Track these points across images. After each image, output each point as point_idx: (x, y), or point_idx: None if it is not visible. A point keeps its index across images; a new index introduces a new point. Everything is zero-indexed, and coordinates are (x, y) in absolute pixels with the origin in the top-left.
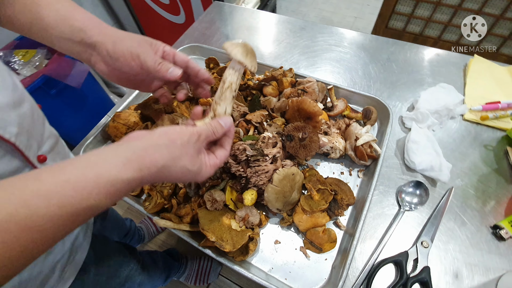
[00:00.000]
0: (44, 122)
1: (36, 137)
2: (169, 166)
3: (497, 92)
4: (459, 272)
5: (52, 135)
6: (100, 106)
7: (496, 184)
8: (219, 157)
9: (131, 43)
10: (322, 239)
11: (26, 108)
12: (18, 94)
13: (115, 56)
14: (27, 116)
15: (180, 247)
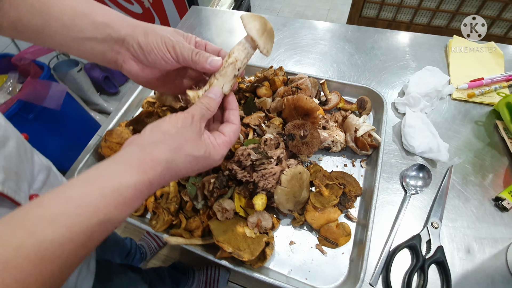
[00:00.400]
0: (33, 155)
1: (25, 176)
2: (173, 160)
3: (479, 69)
4: (470, 247)
5: (43, 168)
6: (82, 125)
7: (491, 158)
8: (227, 134)
9: (164, 33)
10: (337, 234)
11: (11, 146)
12: (1, 133)
13: (148, 48)
14: (13, 155)
15: (185, 258)
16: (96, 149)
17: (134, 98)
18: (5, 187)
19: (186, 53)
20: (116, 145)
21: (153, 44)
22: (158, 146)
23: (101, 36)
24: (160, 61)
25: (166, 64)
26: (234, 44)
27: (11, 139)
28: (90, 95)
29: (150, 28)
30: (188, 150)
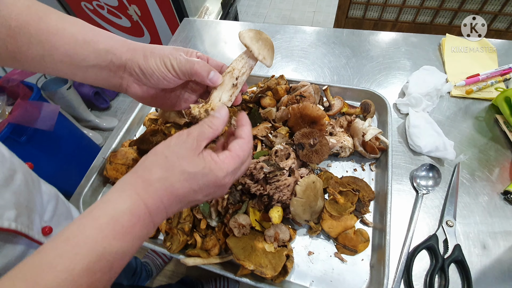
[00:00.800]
0: (40, 185)
1: (36, 209)
2: (166, 178)
3: (474, 65)
4: (486, 242)
5: (52, 197)
6: (77, 144)
7: (495, 152)
8: (233, 148)
9: (163, 52)
10: (355, 240)
11: (19, 179)
12: (7, 166)
13: (149, 71)
14: (22, 189)
15: (192, 272)
16: (101, 172)
17: (135, 115)
18: (18, 223)
19: (185, 67)
20: (121, 166)
21: (153, 67)
22: (149, 167)
23: (104, 63)
24: (163, 82)
25: (168, 83)
26: (229, 54)
27: (18, 172)
28: (81, 112)
29: (149, 50)
30: (182, 166)
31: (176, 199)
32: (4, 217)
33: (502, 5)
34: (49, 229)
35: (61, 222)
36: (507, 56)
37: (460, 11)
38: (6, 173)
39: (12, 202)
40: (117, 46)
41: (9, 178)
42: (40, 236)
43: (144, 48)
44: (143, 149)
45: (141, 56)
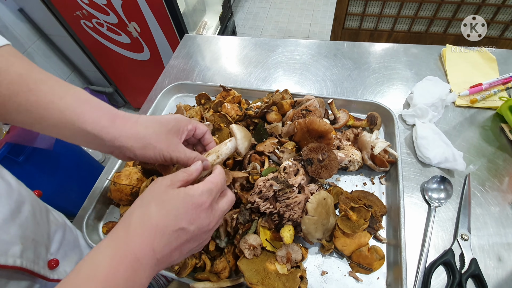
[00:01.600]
0: (48, 215)
1: (42, 241)
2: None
3: (476, 74)
4: (501, 254)
5: (59, 226)
6: (76, 161)
7: (503, 161)
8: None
9: (161, 146)
10: (370, 258)
11: (26, 211)
12: (14, 198)
13: (145, 159)
14: (29, 220)
15: None
16: (104, 193)
17: None
18: (23, 259)
19: (183, 160)
20: (125, 187)
21: (151, 157)
22: (127, 214)
23: (94, 143)
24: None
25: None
26: (230, 69)
27: (26, 203)
28: None
29: (147, 139)
30: (156, 199)
31: (157, 231)
32: (9, 254)
33: (494, 13)
34: (56, 262)
35: (68, 253)
36: (507, 65)
37: (454, 20)
38: (13, 206)
39: (18, 237)
40: (107, 129)
41: (16, 211)
42: (45, 270)
43: (140, 134)
44: (147, 168)
45: (138, 147)
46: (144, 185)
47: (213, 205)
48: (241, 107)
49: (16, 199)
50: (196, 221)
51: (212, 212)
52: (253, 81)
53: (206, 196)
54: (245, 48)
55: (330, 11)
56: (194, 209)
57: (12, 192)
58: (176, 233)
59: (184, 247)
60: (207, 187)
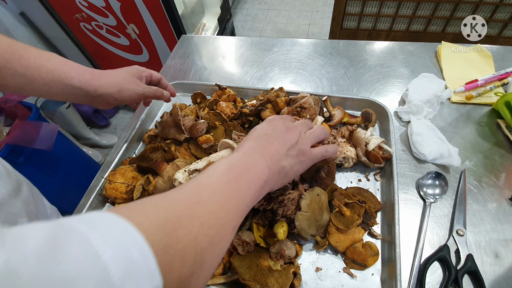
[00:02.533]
0: (43, 199)
1: (44, 219)
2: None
3: (472, 71)
4: (498, 251)
5: (53, 211)
6: (76, 163)
7: (500, 157)
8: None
9: (132, 87)
10: (364, 254)
11: (25, 190)
12: (13, 177)
13: (122, 100)
14: (29, 199)
15: None
16: (100, 191)
17: (135, 132)
18: None
19: (151, 92)
20: (121, 185)
21: (127, 98)
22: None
23: (79, 95)
24: (132, 103)
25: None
26: (227, 68)
27: (23, 184)
28: (81, 130)
29: (120, 83)
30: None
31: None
32: (19, 224)
33: (492, 11)
34: None
35: None
36: (503, 61)
37: (452, 19)
38: (14, 184)
39: (23, 210)
40: (89, 82)
41: (17, 189)
42: None
43: (114, 81)
44: (143, 166)
45: (115, 91)
46: (139, 184)
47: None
48: (236, 106)
49: (16, 179)
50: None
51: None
52: (249, 80)
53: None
54: (241, 47)
55: (328, 11)
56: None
57: (10, 174)
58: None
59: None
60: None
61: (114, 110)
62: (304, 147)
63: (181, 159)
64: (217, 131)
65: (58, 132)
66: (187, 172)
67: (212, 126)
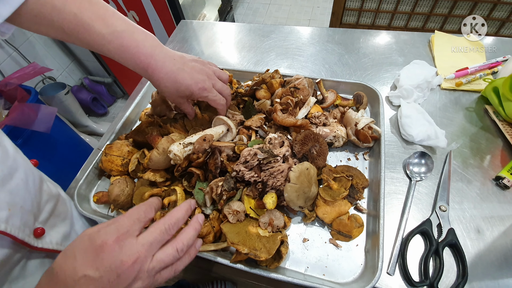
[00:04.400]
0: (42, 185)
1: (31, 209)
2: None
3: (463, 59)
4: (480, 227)
5: (52, 197)
6: (73, 148)
7: (486, 140)
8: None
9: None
10: (349, 226)
11: (18, 178)
12: (8, 164)
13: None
14: (20, 188)
15: (188, 276)
16: (96, 165)
17: (131, 111)
18: (8, 225)
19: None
20: (116, 158)
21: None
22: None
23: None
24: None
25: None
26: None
27: (19, 170)
28: (79, 117)
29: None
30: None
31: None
32: None
33: (490, 10)
34: (41, 231)
35: (57, 223)
36: (495, 52)
37: (450, 16)
38: (5, 172)
39: (5, 202)
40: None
41: (8, 177)
42: (30, 238)
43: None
44: (138, 140)
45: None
46: (134, 157)
47: (122, 240)
48: (232, 87)
49: (10, 165)
50: (100, 265)
51: (122, 250)
52: (246, 64)
53: (105, 232)
54: (240, 33)
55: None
56: (92, 250)
57: (7, 159)
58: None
59: None
60: (112, 220)
61: (113, 99)
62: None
63: (176, 134)
64: (212, 109)
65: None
66: (182, 145)
67: (207, 105)
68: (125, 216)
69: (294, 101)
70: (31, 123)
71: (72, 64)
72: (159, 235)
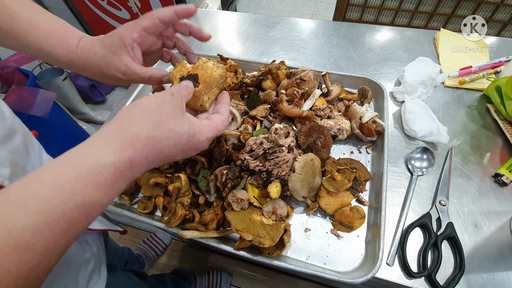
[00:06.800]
0: (41, 153)
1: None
2: (155, 136)
3: (467, 58)
4: (477, 221)
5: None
6: (71, 135)
7: (486, 138)
8: (213, 119)
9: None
10: (351, 217)
11: (18, 140)
12: (6, 125)
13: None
14: (20, 150)
15: (185, 265)
16: None
17: (135, 97)
18: (11, 182)
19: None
20: None
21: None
22: (137, 120)
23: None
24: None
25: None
26: (226, 43)
27: (18, 133)
28: (76, 104)
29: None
30: (170, 125)
31: (159, 156)
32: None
33: (493, 11)
34: None
35: None
36: (498, 52)
37: (453, 16)
38: (5, 131)
39: (7, 160)
40: (75, 62)
41: (7, 137)
42: None
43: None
44: None
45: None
46: None
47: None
48: (237, 76)
49: (9, 127)
50: (188, 154)
51: (201, 149)
52: (251, 55)
53: (206, 143)
54: (245, 23)
55: (332, 3)
56: (193, 149)
57: (4, 120)
58: (170, 159)
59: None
60: (212, 134)
61: (111, 87)
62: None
63: None
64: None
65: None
66: None
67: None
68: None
69: (300, 92)
70: (29, 107)
71: None
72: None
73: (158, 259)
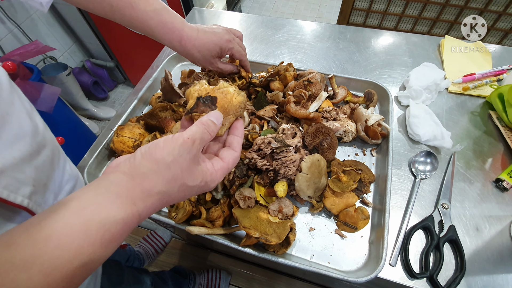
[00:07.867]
0: (66, 164)
1: (53, 187)
2: (166, 191)
3: (471, 65)
4: (478, 225)
5: (72, 177)
6: (74, 131)
7: (488, 144)
8: (226, 160)
9: (204, 64)
10: (355, 217)
11: (45, 155)
12: (38, 139)
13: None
14: (46, 165)
15: (184, 263)
16: (106, 145)
17: (142, 95)
18: (31, 201)
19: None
20: (128, 139)
21: (201, 65)
22: (150, 176)
23: (174, 43)
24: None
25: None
26: None
27: (47, 147)
28: (79, 100)
29: (197, 61)
30: (184, 179)
31: (166, 204)
32: (19, 193)
33: (495, 20)
34: None
35: None
36: (501, 59)
37: (456, 23)
38: (34, 147)
39: (31, 178)
40: (176, 48)
41: (35, 153)
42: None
43: (195, 57)
44: (151, 124)
45: (194, 60)
46: (146, 139)
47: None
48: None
49: (39, 142)
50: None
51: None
52: (257, 56)
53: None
54: (251, 25)
55: (336, 6)
56: (202, 192)
57: (37, 135)
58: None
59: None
60: (221, 176)
61: (114, 84)
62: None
63: None
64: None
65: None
66: None
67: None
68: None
69: (307, 94)
70: (33, 101)
71: (74, 45)
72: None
73: (158, 256)
